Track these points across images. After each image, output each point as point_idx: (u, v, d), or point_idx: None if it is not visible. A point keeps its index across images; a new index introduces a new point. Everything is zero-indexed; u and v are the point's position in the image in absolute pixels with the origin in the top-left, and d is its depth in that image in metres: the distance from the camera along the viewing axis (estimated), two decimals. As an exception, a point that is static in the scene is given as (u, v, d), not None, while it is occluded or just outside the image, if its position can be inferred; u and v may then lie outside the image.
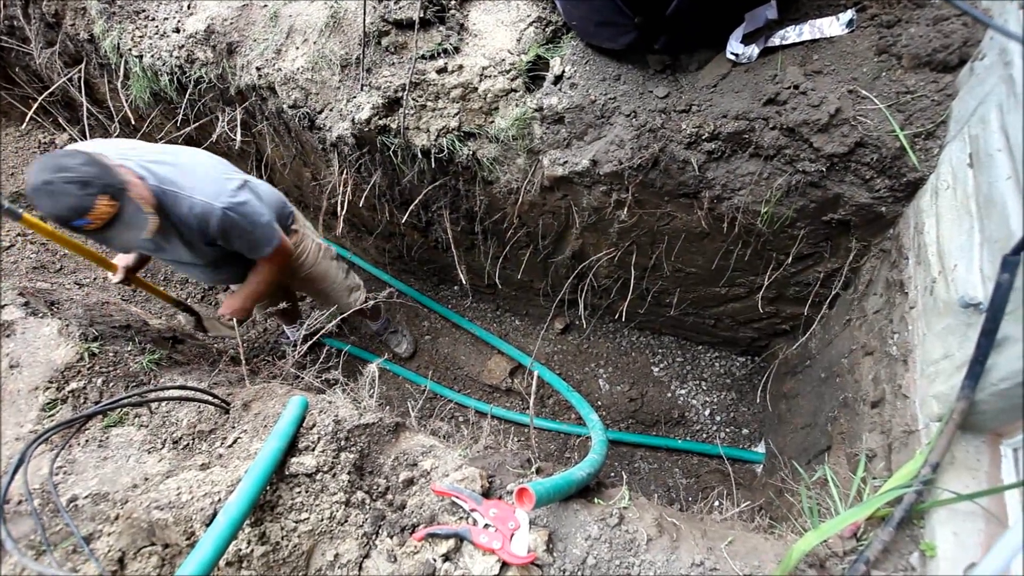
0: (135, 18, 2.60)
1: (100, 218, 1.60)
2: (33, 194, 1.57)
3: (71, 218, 1.57)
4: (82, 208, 1.56)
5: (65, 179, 1.55)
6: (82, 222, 1.58)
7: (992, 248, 1.26)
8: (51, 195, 1.54)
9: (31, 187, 1.57)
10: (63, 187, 1.54)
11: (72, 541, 1.35)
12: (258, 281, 2.33)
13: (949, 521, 1.29)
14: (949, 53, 1.58)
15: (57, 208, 1.56)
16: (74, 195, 1.55)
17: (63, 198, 1.55)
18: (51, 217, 1.59)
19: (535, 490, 1.24)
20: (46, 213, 1.58)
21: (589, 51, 1.99)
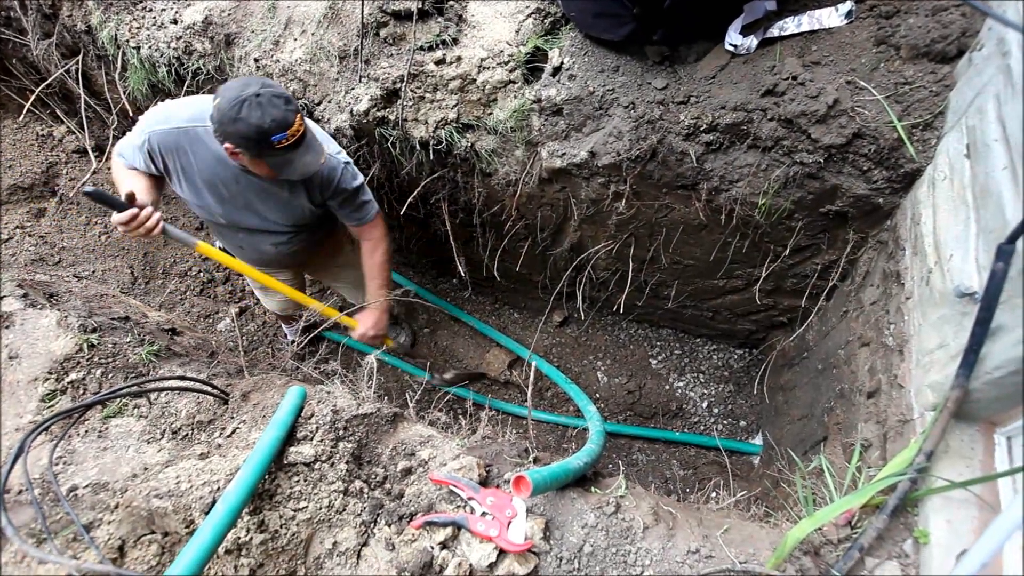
0: (132, 9, 2.59)
1: (294, 135, 1.65)
2: (239, 105, 1.58)
3: (273, 131, 1.60)
4: (285, 122, 1.61)
5: (273, 92, 1.61)
6: (280, 136, 1.62)
7: (988, 238, 1.27)
8: (260, 106, 1.58)
9: (235, 100, 1.58)
10: (271, 99, 1.60)
11: (72, 529, 1.36)
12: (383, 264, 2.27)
13: (943, 509, 1.30)
14: (947, 44, 1.57)
15: (263, 119, 1.58)
16: (280, 108, 1.61)
17: (271, 109, 1.59)
18: (253, 129, 1.59)
19: (532, 478, 1.25)
20: (249, 125, 1.59)
21: (587, 42, 1.99)
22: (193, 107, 1.88)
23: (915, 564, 1.32)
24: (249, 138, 1.62)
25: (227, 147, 1.72)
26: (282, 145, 1.65)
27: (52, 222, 3.76)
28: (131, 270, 3.67)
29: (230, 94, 1.61)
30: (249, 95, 1.59)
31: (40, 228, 3.72)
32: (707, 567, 1.36)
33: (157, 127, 1.86)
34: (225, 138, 1.69)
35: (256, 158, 1.72)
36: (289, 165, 1.74)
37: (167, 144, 1.87)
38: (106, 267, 3.66)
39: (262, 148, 1.65)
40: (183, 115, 1.87)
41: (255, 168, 1.81)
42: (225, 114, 1.61)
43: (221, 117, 1.63)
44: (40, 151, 3.83)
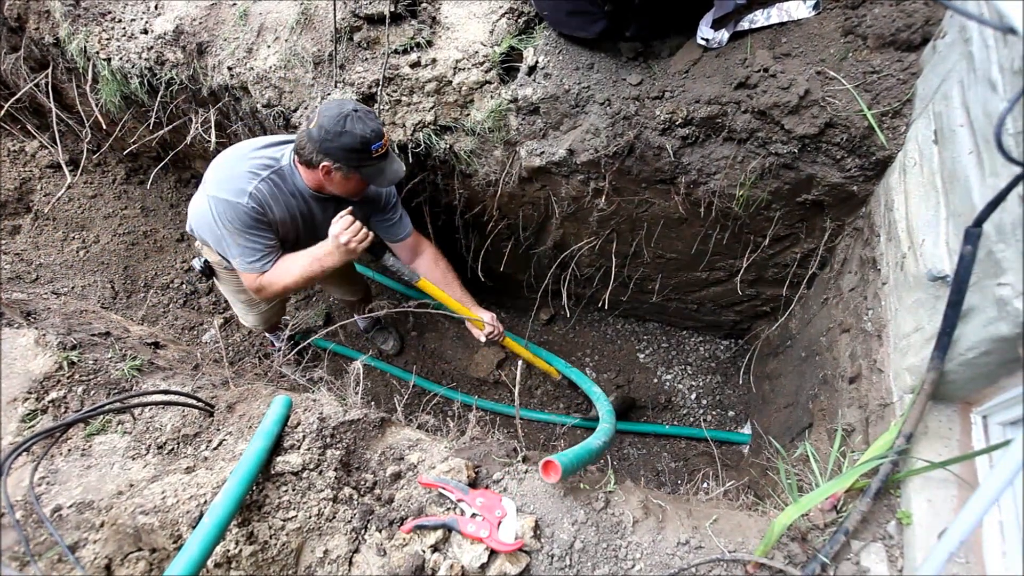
0: (101, 20, 2.55)
1: (386, 145, 1.80)
2: (343, 120, 1.71)
3: (373, 141, 1.74)
4: (380, 132, 1.77)
5: (366, 109, 1.79)
6: (378, 145, 1.76)
7: (957, 222, 1.29)
8: (362, 120, 1.74)
9: (339, 116, 1.72)
10: (367, 114, 1.77)
11: (57, 551, 1.34)
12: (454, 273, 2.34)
13: (924, 489, 1.33)
14: (912, 32, 1.60)
15: (365, 130, 1.73)
16: (376, 121, 1.78)
17: (371, 122, 1.76)
18: (359, 140, 1.72)
19: (560, 461, 1.26)
20: (354, 137, 1.72)
21: (562, 41, 2.00)
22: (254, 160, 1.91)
23: (899, 545, 1.35)
24: (354, 149, 1.74)
25: (324, 166, 1.79)
26: (378, 154, 1.78)
27: (28, 239, 3.69)
28: (112, 284, 3.62)
29: (331, 112, 1.73)
30: (349, 111, 1.73)
31: (15, 245, 3.66)
32: (697, 558, 1.37)
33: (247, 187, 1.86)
34: (326, 155, 1.76)
35: (352, 170, 1.81)
36: (381, 173, 1.87)
37: (264, 195, 1.89)
38: (85, 282, 3.61)
39: (362, 159, 1.77)
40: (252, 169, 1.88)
41: (341, 185, 1.88)
42: (330, 131, 1.72)
43: (325, 135, 1.72)
44: (12, 167, 3.76)
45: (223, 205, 1.86)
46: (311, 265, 1.92)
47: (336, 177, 1.84)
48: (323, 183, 1.89)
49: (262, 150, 1.94)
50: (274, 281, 1.96)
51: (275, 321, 2.89)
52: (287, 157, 1.92)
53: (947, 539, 1.06)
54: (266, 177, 1.89)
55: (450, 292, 2.28)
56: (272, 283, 1.97)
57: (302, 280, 1.96)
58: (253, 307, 2.63)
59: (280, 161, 1.93)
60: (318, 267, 1.92)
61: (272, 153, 1.95)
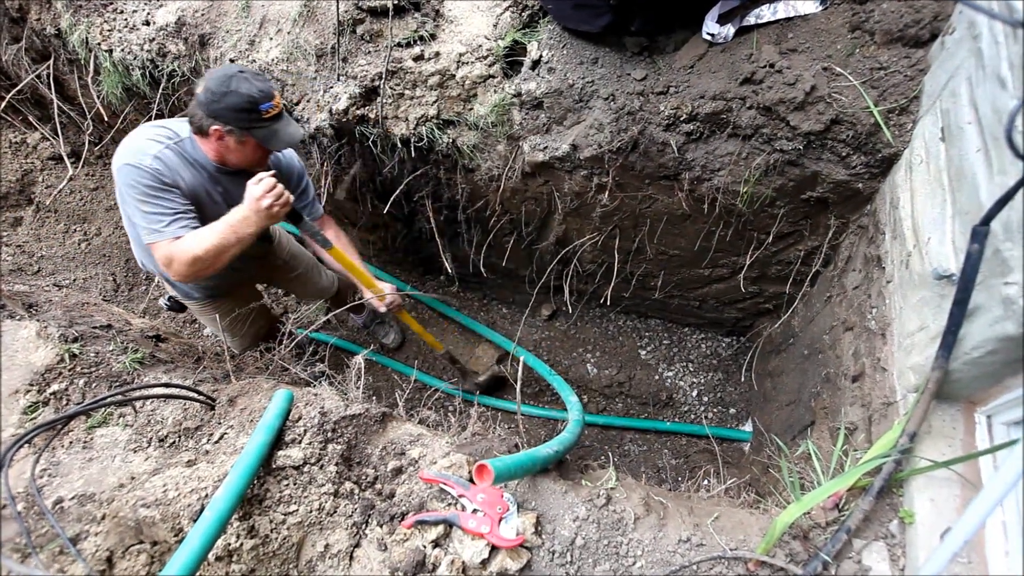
0: (103, 11, 2.54)
1: (278, 105, 1.77)
2: (228, 80, 1.69)
3: (261, 100, 1.71)
4: (270, 92, 1.74)
5: (254, 71, 1.77)
6: (268, 105, 1.73)
7: (963, 220, 1.28)
8: (247, 80, 1.71)
9: (224, 76, 1.70)
10: (254, 75, 1.75)
11: (58, 543, 1.34)
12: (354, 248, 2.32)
13: (926, 488, 1.32)
14: (920, 28, 1.59)
15: (252, 89, 1.70)
16: (264, 80, 1.76)
17: (256, 82, 1.72)
18: (244, 99, 1.69)
19: (493, 466, 1.25)
20: (240, 96, 1.68)
21: (566, 35, 1.98)
22: (154, 131, 1.83)
23: (901, 544, 1.35)
24: (241, 109, 1.70)
25: (215, 130, 1.74)
26: (270, 115, 1.74)
27: (29, 231, 3.69)
28: (113, 277, 3.62)
29: (217, 75, 1.71)
30: (235, 72, 1.71)
31: (17, 237, 3.66)
32: (698, 555, 1.37)
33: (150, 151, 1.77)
34: (215, 118, 1.72)
35: (246, 133, 1.76)
36: (276, 136, 1.80)
37: (171, 160, 1.80)
38: (87, 275, 3.61)
39: (252, 120, 1.73)
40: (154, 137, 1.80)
41: (238, 152, 1.82)
42: (215, 92, 1.68)
43: (211, 97, 1.69)
44: (14, 159, 3.76)
45: (126, 171, 1.74)
46: (225, 233, 1.74)
47: (230, 143, 1.79)
48: (221, 152, 1.83)
49: (162, 125, 1.87)
50: (185, 250, 1.75)
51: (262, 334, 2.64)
52: (187, 129, 1.84)
53: (951, 539, 1.06)
54: (169, 146, 1.80)
55: (354, 258, 2.25)
56: (183, 252, 1.75)
57: (215, 249, 1.74)
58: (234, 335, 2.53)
59: (180, 133, 1.85)
60: (233, 236, 1.74)
61: (172, 125, 1.87)
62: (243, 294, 2.42)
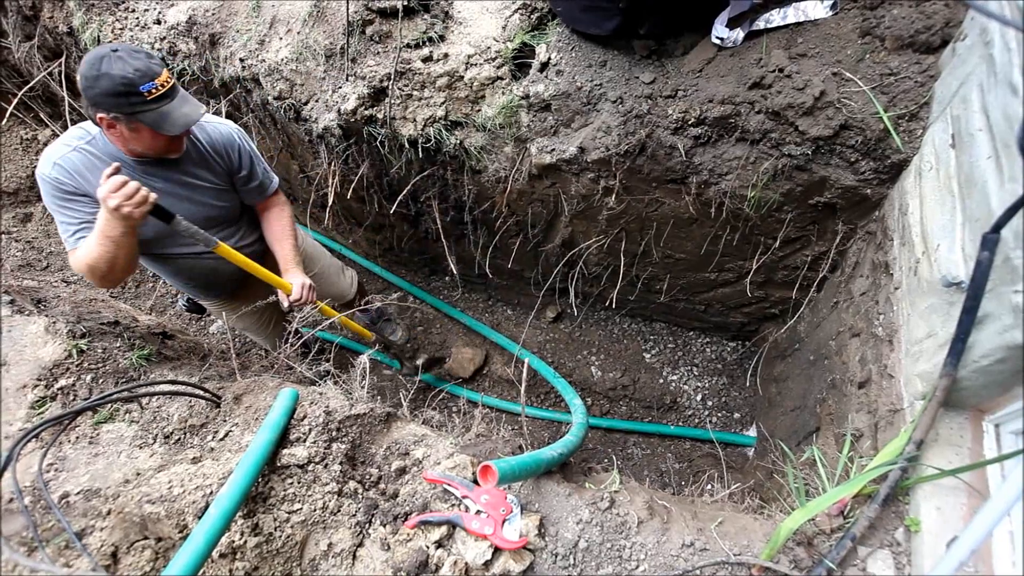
0: (115, 10, 2.56)
1: (165, 84, 1.60)
2: (98, 62, 1.52)
3: (140, 81, 1.54)
4: (150, 71, 1.56)
5: (132, 48, 1.58)
6: (150, 86, 1.56)
7: (973, 227, 1.27)
8: (120, 59, 1.53)
9: (94, 58, 1.53)
10: (132, 53, 1.56)
11: (64, 537, 1.35)
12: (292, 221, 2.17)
13: (933, 496, 1.31)
14: (931, 34, 1.58)
15: (126, 70, 1.53)
16: (142, 59, 1.57)
17: (133, 61, 1.54)
18: (119, 81, 1.53)
19: (498, 467, 1.25)
20: (112, 78, 1.52)
21: (575, 37, 1.99)
22: (69, 133, 1.76)
23: (907, 552, 1.34)
24: (118, 93, 1.54)
25: (101, 118, 1.60)
26: (153, 95, 1.57)
27: (39, 227, 3.72)
28: (120, 274, 3.64)
29: (89, 57, 1.54)
30: (106, 51, 1.54)
31: (27, 233, 3.69)
32: (701, 560, 1.36)
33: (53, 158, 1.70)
34: (96, 106, 1.57)
35: (133, 119, 1.60)
36: (167, 119, 1.63)
37: (74, 164, 1.70)
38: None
39: (134, 103, 1.56)
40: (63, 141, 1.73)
41: (138, 141, 1.68)
42: (87, 76, 1.53)
43: (85, 83, 1.54)
44: (25, 155, 3.79)
45: (40, 181, 1.71)
46: (100, 239, 1.65)
47: (123, 131, 1.64)
48: (121, 142, 1.70)
49: (80, 125, 1.76)
50: (80, 259, 1.72)
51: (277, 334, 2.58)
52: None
53: (957, 548, 1.05)
54: (77, 147, 1.71)
55: (279, 248, 2.14)
56: (80, 262, 1.73)
57: (102, 257, 1.67)
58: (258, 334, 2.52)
59: (92, 131, 1.74)
60: (107, 241, 1.64)
61: (88, 124, 1.76)
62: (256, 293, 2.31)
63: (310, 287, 2.13)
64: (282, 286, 2.09)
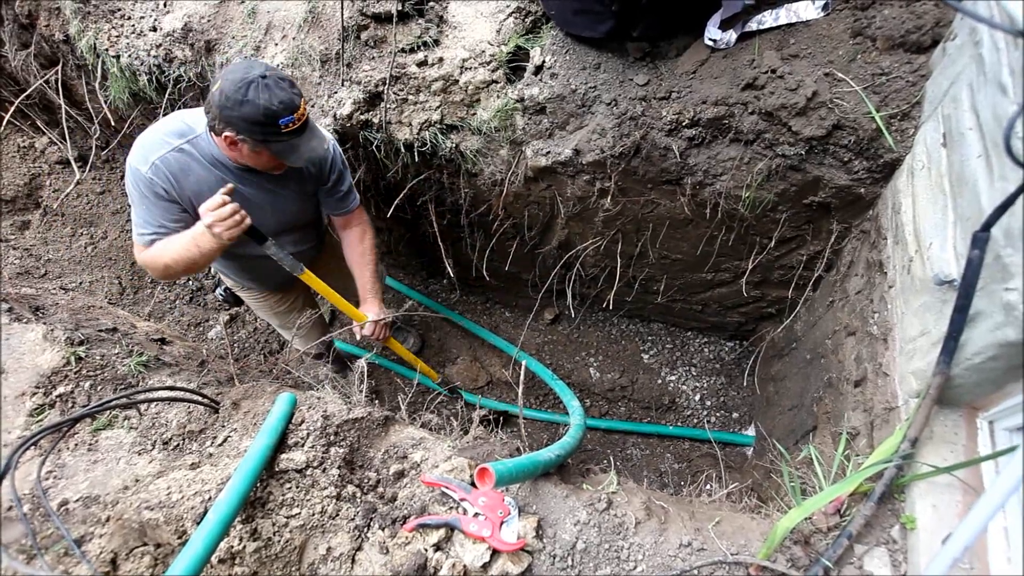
0: (111, 17, 2.57)
1: (301, 118, 1.58)
2: (245, 87, 1.50)
3: (282, 114, 1.53)
4: (292, 104, 1.55)
5: (279, 75, 1.55)
6: (288, 119, 1.55)
7: (965, 226, 1.28)
8: (268, 88, 1.51)
9: (241, 82, 1.50)
10: (278, 81, 1.54)
11: (63, 544, 1.35)
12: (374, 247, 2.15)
13: (928, 494, 1.32)
14: (922, 34, 1.59)
15: (272, 101, 1.51)
16: (287, 90, 1.54)
17: (278, 91, 1.52)
18: (262, 112, 1.51)
19: (495, 469, 1.25)
20: (257, 107, 1.51)
21: (569, 40, 2.00)
22: (168, 126, 1.73)
23: (903, 549, 1.34)
24: (256, 122, 1.53)
25: (227, 136, 1.60)
26: (289, 129, 1.57)
27: (37, 234, 3.73)
28: (119, 280, 3.65)
29: (234, 76, 1.52)
30: (255, 76, 1.51)
31: (24, 241, 3.69)
32: (699, 560, 1.37)
33: (152, 156, 1.68)
34: (227, 124, 1.57)
35: (260, 145, 1.61)
36: (295, 151, 1.65)
37: (172, 166, 1.70)
38: (93, 278, 3.64)
39: (268, 133, 1.57)
40: (164, 136, 1.70)
41: (254, 160, 1.69)
42: (230, 97, 1.51)
43: (224, 101, 1.52)
44: (22, 163, 3.80)
45: (129, 169, 1.70)
46: (188, 247, 1.69)
47: (244, 150, 1.64)
48: (234, 155, 1.70)
49: (182, 119, 1.73)
50: (155, 258, 1.74)
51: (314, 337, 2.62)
52: (204, 123, 1.69)
53: (952, 544, 1.06)
54: (178, 146, 1.69)
55: (359, 273, 2.15)
56: (153, 259, 1.75)
57: (181, 260, 1.71)
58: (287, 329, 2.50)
59: (196, 128, 1.71)
60: (194, 249, 1.68)
61: (191, 119, 1.73)
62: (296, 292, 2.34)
63: (384, 325, 2.13)
64: (358, 317, 2.11)
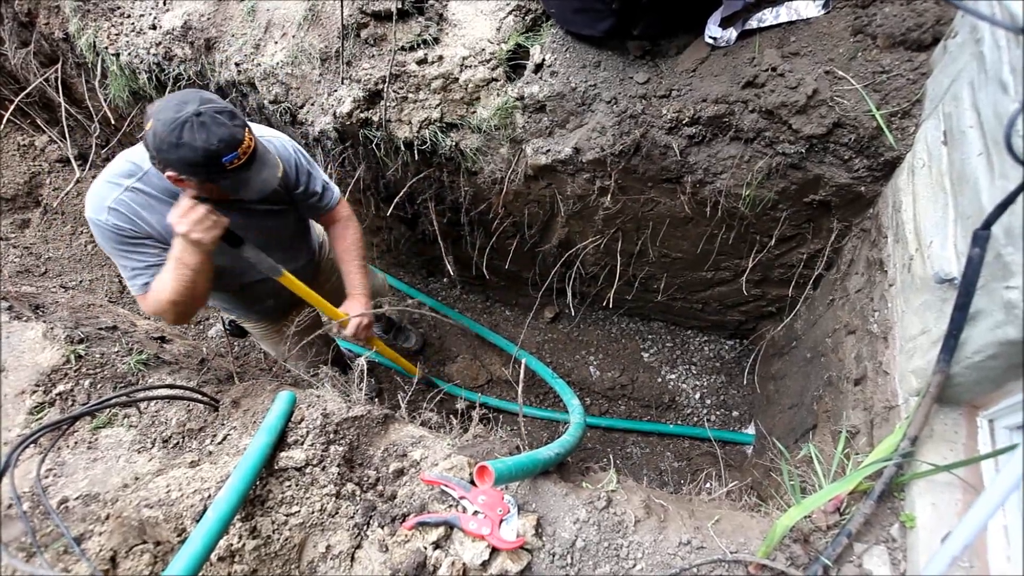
0: (110, 15, 2.57)
1: (247, 152, 1.45)
2: (179, 128, 1.36)
3: (223, 152, 1.40)
4: (234, 140, 1.41)
5: (215, 109, 1.40)
6: (231, 157, 1.42)
7: (965, 224, 1.28)
8: (204, 127, 1.37)
9: (174, 122, 1.36)
10: (215, 117, 1.39)
11: (63, 542, 1.35)
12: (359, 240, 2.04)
13: (928, 492, 1.32)
14: (923, 32, 1.59)
15: (210, 141, 1.37)
16: (227, 126, 1.40)
17: (216, 129, 1.38)
18: (200, 154, 1.38)
19: (494, 468, 1.25)
20: (195, 150, 1.37)
21: (569, 38, 1.99)
22: (114, 169, 1.62)
23: (902, 548, 1.34)
24: (196, 164, 1.40)
25: (170, 175, 1.47)
26: (235, 166, 1.44)
27: (37, 233, 3.73)
28: (119, 279, 3.65)
29: (166, 115, 1.38)
30: (188, 115, 1.37)
31: (25, 239, 3.69)
32: (698, 558, 1.37)
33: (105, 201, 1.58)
34: (167, 166, 1.44)
35: (206, 182, 1.49)
36: (245, 185, 1.52)
37: (128, 206, 1.59)
38: (93, 276, 3.64)
39: (212, 172, 1.44)
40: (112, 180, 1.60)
41: (206, 192, 1.55)
42: (164, 140, 1.38)
43: (159, 144, 1.39)
44: (22, 161, 3.80)
45: (92, 227, 1.61)
46: (178, 270, 1.57)
47: (192, 185, 1.50)
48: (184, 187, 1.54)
49: (127, 159, 1.62)
50: (159, 299, 1.63)
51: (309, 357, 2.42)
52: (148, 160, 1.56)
53: (951, 543, 1.06)
54: (129, 187, 1.58)
55: (344, 268, 2.06)
56: (159, 302, 1.64)
57: (180, 289, 1.59)
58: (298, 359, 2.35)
59: (143, 166, 1.59)
60: (186, 270, 1.57)
61: (135, 157, 1.61)
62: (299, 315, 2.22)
63: (367, 325, 2.04)
64: (336, 316, 2.02)
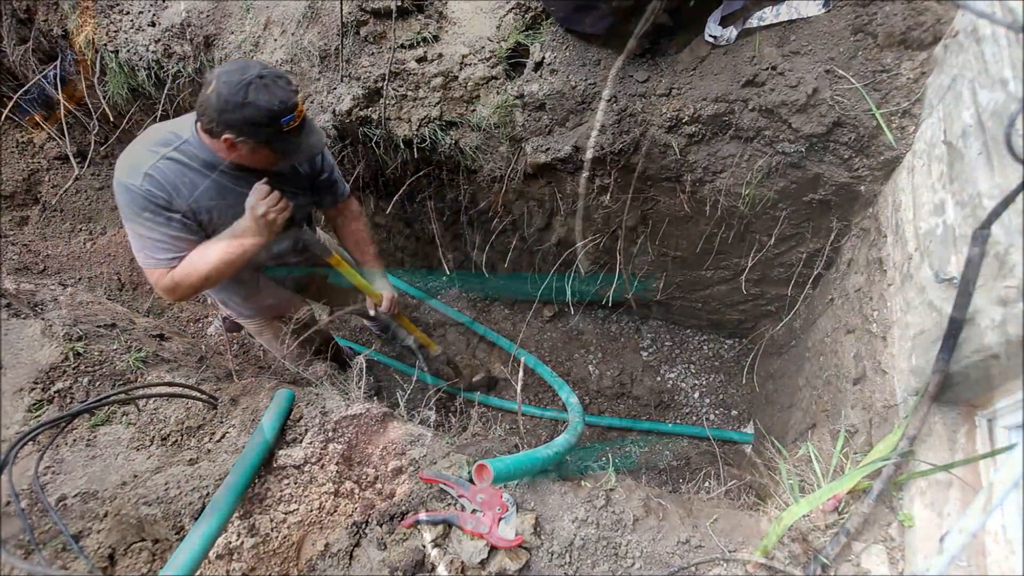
0: (109, 12, 2.56)
1: (300, 115, 1.55)
2: (244, 89, 1.45)
3: (283, 113, 1.49)
4: (292, 103, 1.51)
5: (275, 74, 1.51)
6: (289, 118, 1.51)
7: (965, 223, 1.28)
8: (267, 88, 1.46)
9: (240, 83, 1.45)
10: (275, 80, 1.49)
11: (61, 540, 1.35)
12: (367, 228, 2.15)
13: (926, 492, 1.32)
14: (923, 31, 1.59)
15: (273, 101, 1.46)
16: (285, 89, 1.50)
17: (279, 91, 1.48)
18: (264, 112, 1.46)
19: (493, 466, 1.25)
20: (259, 109, 1.46)
21: (568, 36, 1.99)
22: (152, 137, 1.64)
23: (900, 547, 1.34)
24: (259, 123, 1.49)
25: (226, 139, 1.53)
26: (290, 127, 1.54)
27: (35, 230, 3.72)
28: (118, 276, 3.64)
29: (231, 77, 1.46)
30: (252, 76, 1.46)
31: (23, 236, 3.68)
32: (697, 557, 1.37)
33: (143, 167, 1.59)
34: (227, 127, 1.51)
35: (261, 146, 1.57)
36: (296, 148, 1.61)
37: (167, 175, 1.61)
38: (92, 274, 3.63)
39: (270, 133, 1.53)
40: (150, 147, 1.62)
41: (251, 159, 1.62)
42: (229, 100, 1.45)
43: (223, 104, 1.46)
44: (20, 158, 3.78)
45: (119, 189, 1.60)
46: (230, 247, 1.63)
47: (243, 151, 1.58)
48: (225, 153, 1.61)
49: (168, 129, 1.66)
50: (189, 273, 1.66)
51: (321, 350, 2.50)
52: (190, 128, 1.63)
53: (950, 542, 1.06)
54: (167, 155, 1.60)
55: (361, 253, 2.15)
56: (187, 276, 1.66)
57: (222, 266, 1.65)
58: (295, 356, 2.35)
59: (182, 135, 1.63)
60: (238, 248, 1.64)
61: (173, 127, 1.66)
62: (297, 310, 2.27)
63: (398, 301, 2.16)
64: (374, 295, 2.12)
